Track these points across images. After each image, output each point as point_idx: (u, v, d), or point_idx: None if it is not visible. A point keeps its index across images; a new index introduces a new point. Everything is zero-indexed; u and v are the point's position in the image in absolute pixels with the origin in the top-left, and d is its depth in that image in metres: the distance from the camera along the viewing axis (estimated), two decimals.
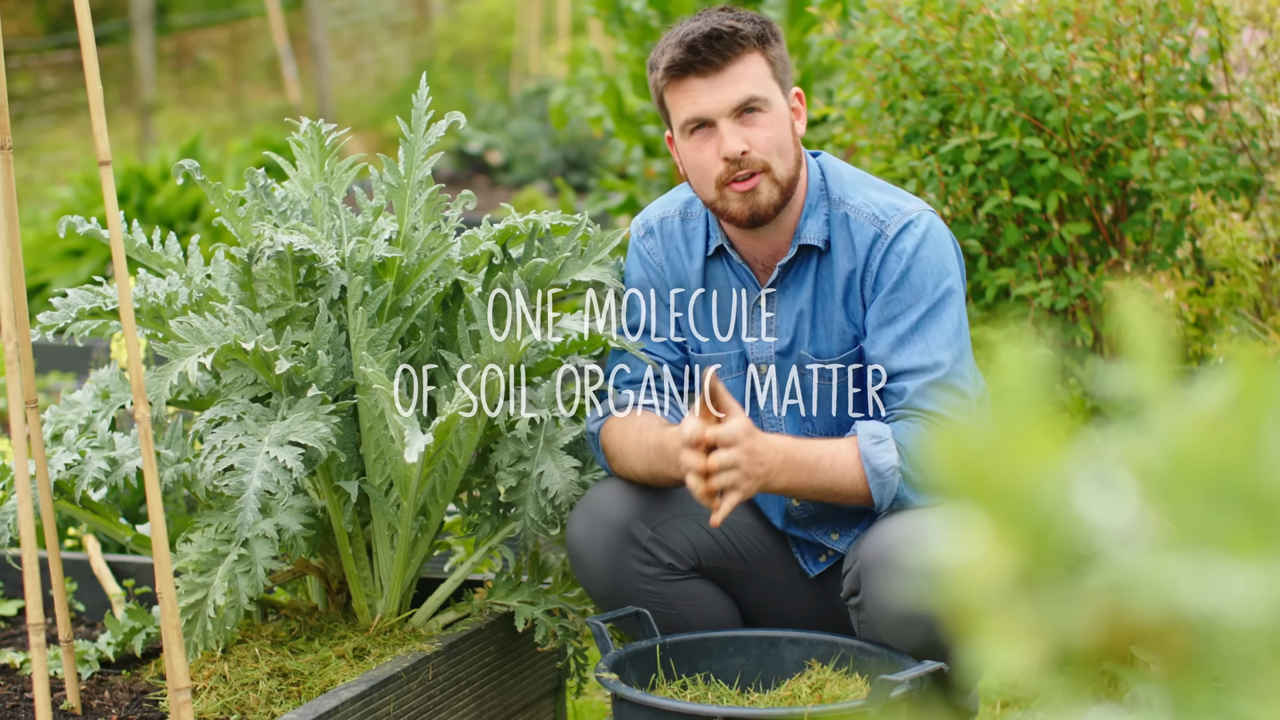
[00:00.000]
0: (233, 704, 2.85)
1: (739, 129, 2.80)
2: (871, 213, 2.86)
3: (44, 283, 7.07)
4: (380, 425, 2.90)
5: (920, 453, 2.73)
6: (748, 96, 2.80)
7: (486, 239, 3.02)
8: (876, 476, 2.72)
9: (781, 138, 2.83)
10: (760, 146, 2.81)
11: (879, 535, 2.75)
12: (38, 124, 12.64)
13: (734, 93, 2.80)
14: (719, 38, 2.79)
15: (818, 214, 2.89)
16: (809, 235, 2.88)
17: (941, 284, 2.82)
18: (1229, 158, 3.66)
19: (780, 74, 2.85)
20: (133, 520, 3.81)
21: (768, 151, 2.81)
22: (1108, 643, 0.85)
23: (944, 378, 2.77)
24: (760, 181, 2.82)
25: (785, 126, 2.84)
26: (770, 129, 2.81)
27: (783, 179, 2.83)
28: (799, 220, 2.89)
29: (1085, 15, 3.66)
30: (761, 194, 2.82)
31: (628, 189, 6.42)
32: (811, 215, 2.89)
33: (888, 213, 2.85)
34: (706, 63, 2.80)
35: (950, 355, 2.79)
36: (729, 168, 2.80)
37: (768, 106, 2.81)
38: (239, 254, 2.89)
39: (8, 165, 2.66)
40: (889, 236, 2.83)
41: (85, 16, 2.50)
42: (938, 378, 2.77)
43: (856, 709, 2.57)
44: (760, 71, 2.82)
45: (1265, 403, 0.84)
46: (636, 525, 2.89)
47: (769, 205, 2.83)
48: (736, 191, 2.82)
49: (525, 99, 11.00)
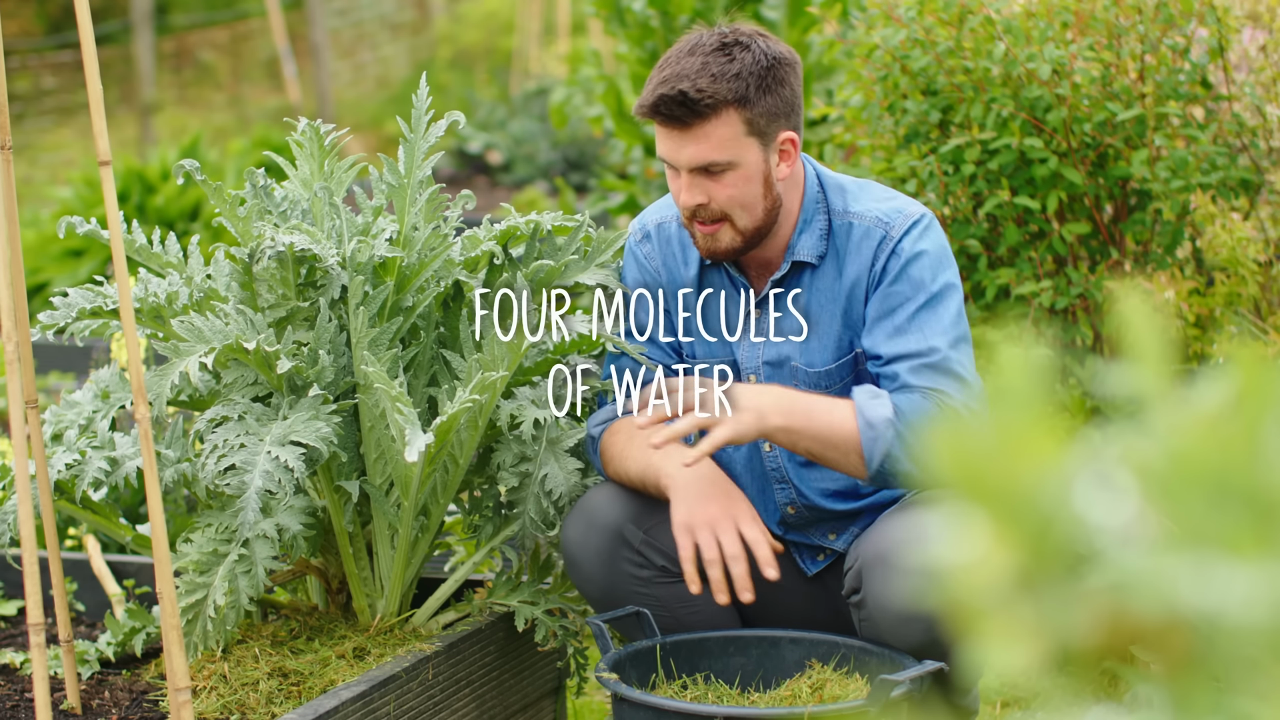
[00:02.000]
0: (233, 704, 2.85)
1: (701, 181, 2.79)
2: (876, 217, 2.86)
3: (44, 283, 7.07)
4: (381, 425, 2.90)
5: (916, 419, 2.70)
6: (707, 161, 2.77)
7: (488, 239, 3.02)
8: (870, 429, 2.68)
9: (745, 195, 2.80)
10: (719, 201, 2.80)
11: (880, 534, 2.75)
12: (38, 124, 12.64)
13: (695, 153, 2.77)
14: (684, 103, 2.74)
15: (813, 228, 2.88)
16: (802, 251, 2.88)
17: (940, 277, 2.82)
18: (1229, 158, 3.66)
19: (762, 127, 2.78)
20: (133, 520, 3.81)
21: (727, 206, 2.80)
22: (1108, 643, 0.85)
23: (940, 361, 2.77)
24: (720, 228, 2.83)
25: (752, 183, 2.80)
26: (733, 187, 2.80)
27: (746, 229, 2.83)
28: (792, 235, 2.89)
29: (1085, 15, 3.66)
30: (721, 240, 2.84)
31: (628, 189, 6.42)
32: (806, 230, 2.88)
33: (891, 216, 2.85)
34: (672, 119, 2.77)
35: (945, 341, 2.78)
36: (689, 210, 2.83)
37: (733, 167, 2.78)
38: (239, 254, 2.90)
39: (8, 165, 2.66)
40: (894, 238, 2.83)
41: (85, 16, 2.50)
42: (933, 361, 2.77)
43: (857, 709, 2.57)
44: (729, 132, 2.76)
45: (1265, 403, 0.84)
46: (629, 528, 2.89)
47: (729, 250, 2.85)
48: (699, 230, 2.85)
49: (525, 99, 11.00)
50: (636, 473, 2.87)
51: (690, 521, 2.77)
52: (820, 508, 2.94)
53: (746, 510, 2.81)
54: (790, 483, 2.94)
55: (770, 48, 2.80)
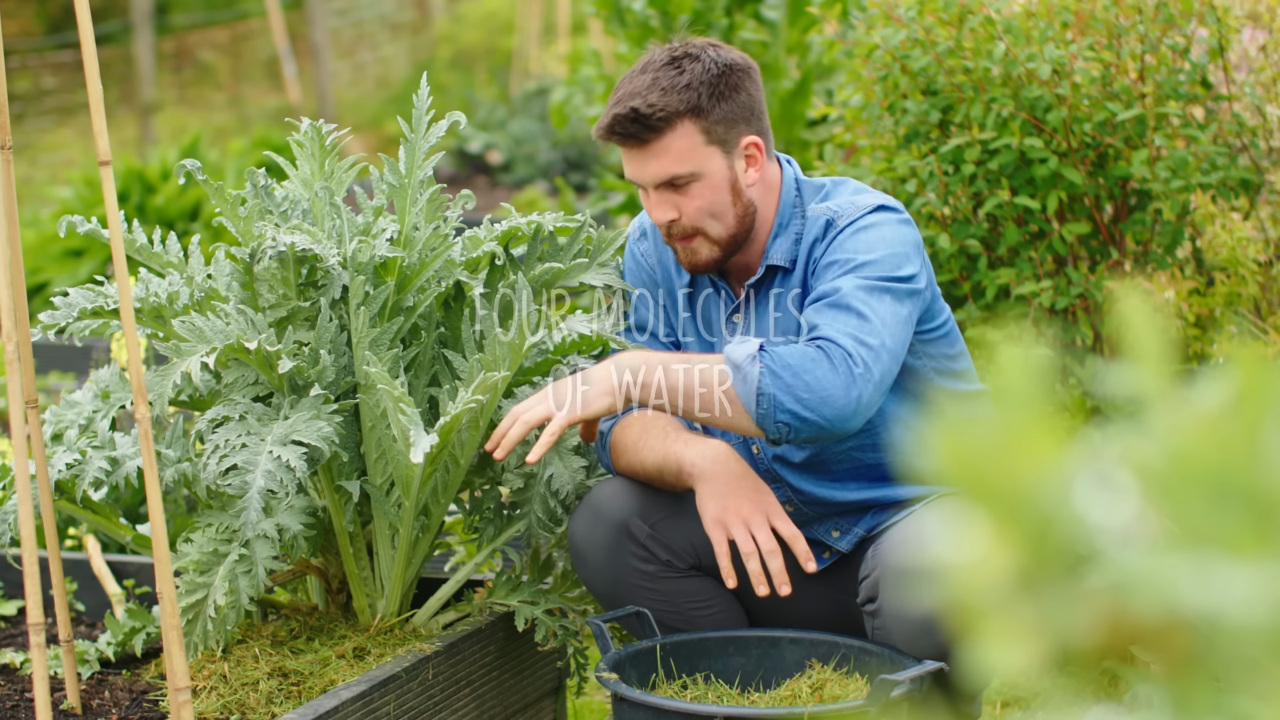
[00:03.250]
0: (233, 704, 2.85)
1: (669, 197, 2.81)
2: (830, 208, 2.85)
3: (44, 283, 7.07)
4: (382, 425, 2.90)
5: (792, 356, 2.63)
6: (670, 175, 2.78)
7: (489, 240, 3.02)
8: (736, 370, 2.65)
9: (715, 203, 2.81)
10: (689, 214, 2.81)
11: (898, 542, 2.75)
12: (38, 124, 12.64)
13: (657, 169, 2.79)
14: (637, 119, 2.76)
15: (788, 232, 2.88)
16: (776, 255, 2.88)
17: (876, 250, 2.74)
18: (1229, 157, 3.66)
19: (722, 135, 2.78)
20: (133, 520, 3.81)
21: (697, 219, 2.81)
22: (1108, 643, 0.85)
23: (839, 299, 2.68)
24: (695, 241, 2.84)
25: (719, 192, 2.81)
26: (700, 198, 2.80)
27: (720, 238, 2.83)
28: (768, 240, 2.89)
29: (1085, 15, 3.66)
30: (699, 253, 2.85)
31: (628, 189, 6.42)
32: (781, 235, 2.88)
33: (844, 207, 2.84)
34: (630, 137, 2.78)
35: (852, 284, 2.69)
36: (664, 227, 2.84)
37: (696, 177, 2.79)
38: (240, 254, 2.90)
39: (8, 165, 2.66)
40: (838, 225, 2.82)
41: (85, 16, 2.50)
42: (834, 300, 2.69)
43: (857, 709, 2.57)
44: (687, 144, 2.77)
45: (1265, 403, 0.84)
46: (635, 522, 2.90)
47: (709, 261, 2.86)
48: (678, 246, 2.86)
49: (525, 99, 11.00)
50: (654, 463, 2.87)
51: (723, 517, 2.79)
52: (820, 499, 2.93)
53: (775, 504, 2.84)
54: (784, 482, 2.94)
55: (721, 55, 2.81)
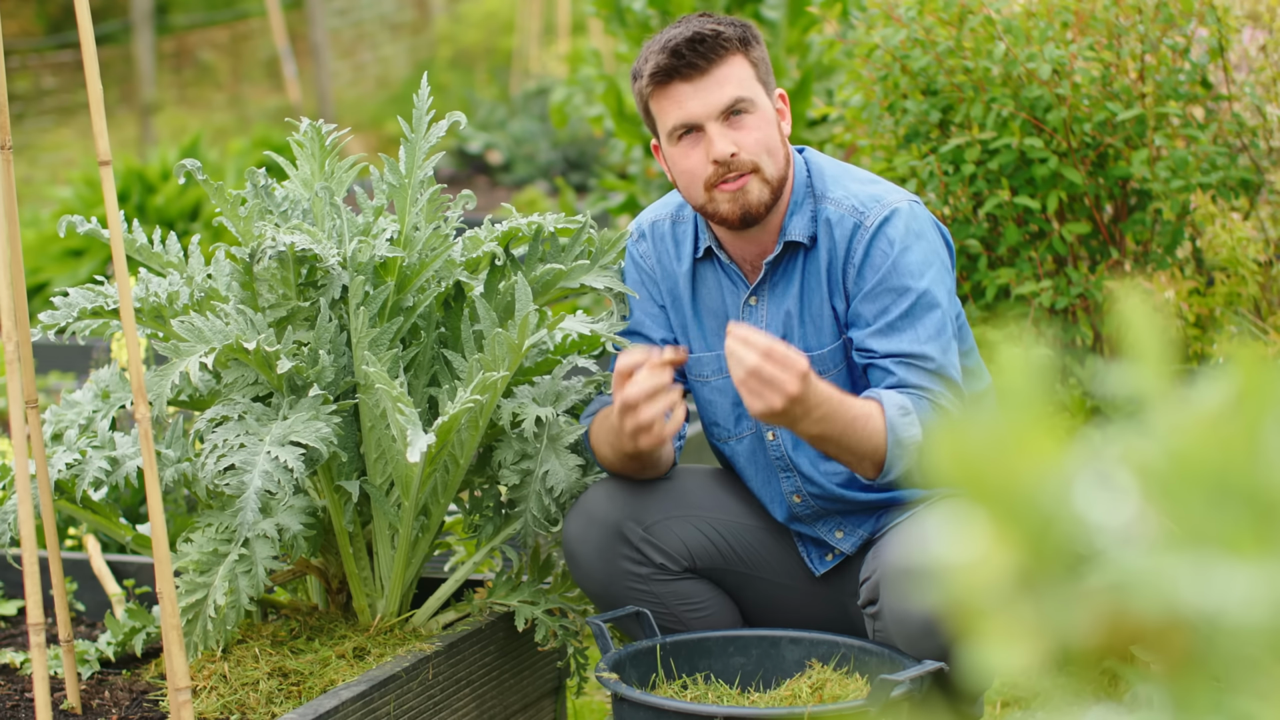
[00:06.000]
0: (233, 704, 2.85)
1: (727, 131, 2.81)
2: (851, 204, 2.86)
3: (44, 283, 7.07)
4: (381, 425, 2.90)
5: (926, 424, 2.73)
6: (734, 98, 2.80)
7: (489, 240, 3.02)
8: (899, 448, 2.70)
9: (769, 138, 2.83)
10: (749, 148, 2.81)
11: (899, 544, 2.75)
12: (38, 124, 12.64)
13: (720, 95, 2.80)
14: (702, 41, 2.80)
15: (803, 210, 2.89)
16: (794, 232, 2.88)
17: (927, 273, 2.82)
18: (1229, 157, 3.66)
19: (764, 75, 2.86)
20: (133, 520, 3.81)
21: (756, 153, 2.81)
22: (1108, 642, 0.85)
23: (936, 369, 2.79)
24: (749, 181, 2.82)
25: (772, 127, 2.85)
26: (758, 130, 2.82)
27: (773, 178, 2.83)
28: (785, 218, 2.90)
29: (1085, 15, 3.66)
30: (751, 193, 2.82)
31: (628, 189, 6.42)
32: (797, 212, 2.89)
33: (867, 204, 2.86)
34: (691, 66, 2.80)
35: (937, 349, 2.80)
36: (718, 170, 2.81)
37: (754, 108, 2.82)
38: (240, 254, 2.90)
39: (8, 165, 2.66)
40: (869, 229, 2.83)
41: (85, 16, 2.50)
42: (930, 368, 2.79)
43: (857, 709, 2.57)
44: (744, 74, 2.82)
45: (1265, 403, 0.84)
46: (628, 525, 2.90)
47: (759, 204, 2.83)
48: (725, 192, 2.82)
49: (525, 99, 10.99)
50: (609, 451, 2.88)
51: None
52: (830, 495, 2.93)
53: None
54: (796, 471, 2.94)
55: (737, 19, 2.91)
